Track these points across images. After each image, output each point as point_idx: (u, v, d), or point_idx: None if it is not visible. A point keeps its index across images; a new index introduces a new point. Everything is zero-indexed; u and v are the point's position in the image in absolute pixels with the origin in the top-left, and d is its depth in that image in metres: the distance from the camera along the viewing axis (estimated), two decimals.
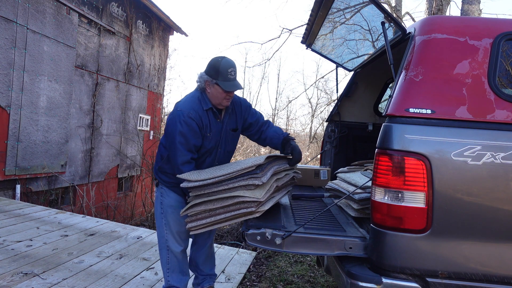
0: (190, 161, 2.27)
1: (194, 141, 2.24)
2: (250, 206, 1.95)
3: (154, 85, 10.44)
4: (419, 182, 1.67)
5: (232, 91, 2.25)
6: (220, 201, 2.02)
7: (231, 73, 2.20)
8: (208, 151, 2.40)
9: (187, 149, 2.23)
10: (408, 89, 1.79)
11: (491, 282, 1.67)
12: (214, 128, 2.36)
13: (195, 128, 2.23)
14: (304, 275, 3.85)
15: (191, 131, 2.22)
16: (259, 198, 1.92)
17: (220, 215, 2.01)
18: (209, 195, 2.04)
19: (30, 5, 6.01)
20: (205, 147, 2.35)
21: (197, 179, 2.03)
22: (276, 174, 2.26)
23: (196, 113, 2.26)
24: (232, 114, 2.46)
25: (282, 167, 2.34)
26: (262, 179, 1.98)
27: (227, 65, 2.21)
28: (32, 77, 6.14)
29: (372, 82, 3.59)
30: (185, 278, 2.57)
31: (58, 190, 7.17)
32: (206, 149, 2.37)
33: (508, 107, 1.73)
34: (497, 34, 1.83)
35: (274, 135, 2.52)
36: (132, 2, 8.99)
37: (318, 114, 21.45)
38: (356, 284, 1.69)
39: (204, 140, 2.33)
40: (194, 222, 2.08)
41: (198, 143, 2.28)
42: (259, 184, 1.96)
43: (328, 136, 3.64)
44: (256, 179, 1.97)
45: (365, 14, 2.54)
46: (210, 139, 2.35)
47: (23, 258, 3.22)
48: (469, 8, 6.51)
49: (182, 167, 2.22)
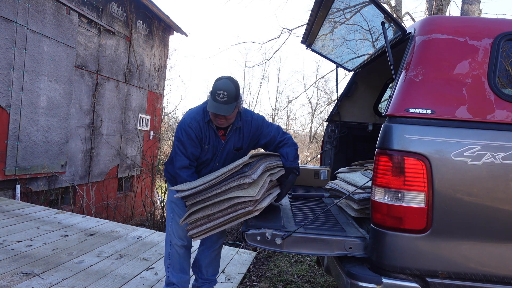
0: (188, 166, 2.32)
1: (191, 149, 2.31)
2: (247, 205, 1.95)
3: (154, 85, 10.44)
4: (419, 182, 1.67)
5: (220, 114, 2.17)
6: (216, 205, 2.03)
7: (219, 95, 2.13)
8: (204, 163, 2.42)
9: (185, 156, 2.31)
10: (408, 89, 1.79)
11: (491, 282, 1.67)
12: (213, 142, 2.36)
13: (193, 138, 2.30)
14: (304, 275, 3.85)
15: (189, 140, 2.30)
16: (253, 196, 1.92)
17: (219, 218, 2.02)
18: (205, 201, 2.06)
19: (30, 5, 6.01)
20: (201, 158, 2.39)
21: (188, 188, 2.07)
22: (269, 170, 2.24)
23: (197, 123, 2.31)
24: (239, 133, 2.40)
25: (275, 163, 2.33)
26: (252, 177, 1.98)
27: (218, 87, 2.16)
28: (32, 77, 6.14)
29: (372, 82, 3.59)
30: (184, 277, 2.57)
31: (58, 190, 7.17)
32: (202, 161, 2.40)
33: (508, 107, 1.73)
34: (497, 34, 1.83)
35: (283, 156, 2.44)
36: (132, 2, 8.99)
37: (318, 114, 21.47)
38: (356, 284, 1.69)
39: (201, 151, 2.36)
40: (194, 229, 2.10)
41: (196, 152, 2.34)
42: (250, 182, 1.96)
43: (328, 136, 3.64)
44: (247, 178, 1.97)
45: (365, 14, 2.54)
46: (206, 151, 2.37)
47: (23, 258, 3.22)
48: (469, 8, 6.51)
49: (180, 171, 2.31)
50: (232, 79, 2.22)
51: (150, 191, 8.99)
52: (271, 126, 2.49)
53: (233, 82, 2.20)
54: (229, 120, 2.28)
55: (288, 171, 2.38)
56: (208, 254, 2.66)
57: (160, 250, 3.83)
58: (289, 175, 2.37)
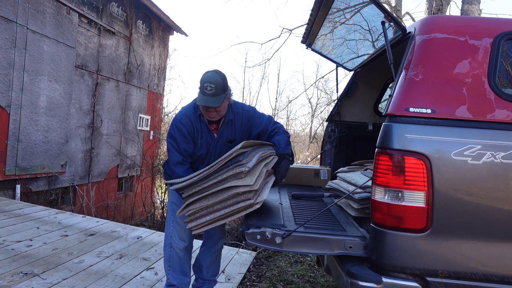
0: (182, 162, 2.34)
1: (183, 145, 2.34)
2: (247, 197, 1.92)
3: (154, 85, 10.44)
4: (419, 181, 1.67)
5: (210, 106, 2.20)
6: (214, 196, 2.01)
7: (207, 88, 2.16)
8: (199, 158, 2.43)
9: (177, 151, 2.34)
10: (408, 89, 1.79)
11: (491, 281, 1.67)
12: (205, 136, 2.37)
13: (184, 133, 2.33)
14: (304, 275, 3.85)
15: (181, 136, 2.33)
16: (251, 185, 1.90)
17: (219, 211, 1.99)
18: (201, 192, 2.04)
19: (30, 5, 6.01)
20: (195, 153, 2.40)
21: (183, 180, 2.07)
22: (263, 160, 2.23)
23: (187, 119, 2.34)
24: (231, 126, 2.43)
25: (268, 152, 2.33)
26: (247, 165, 1.95)
27: (205, 80, 2.19)
28: (32, 77, 6.14)
29: (372, 82, 3.59)
30: (185, 279, 2.56)
31: (58, 190, 7.17)
32: (197, 156, 2.41)
33: (508, 107, 1.73)
34: (497, 34, 1.83)
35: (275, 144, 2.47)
36: (132, 2, 8.99)
37: (318, 114, 21.46)
38: (356, 284, 1.69)
39: (194, 147, 2.37)
40: (193, 221, 2.08)
41: (189, 148, 2.35)
42: (246, 170, 1.94)
43: (328, 136, 3.64)
44: (242, 166, 1.95)
45: (365, 14, 2.54)
46: (200, 146, 2.38)
47: (23, 258, 3.22)
48: (469, 8, 6.52)
49: (174, 167, 2.33)
50: (218, 71, 2.26)
51: (150, 191, 8.99)
52: (263, 117, 2.52)
53: (220, 74, 2.24)
54: (220, 112, 2.30)
55: (281, 158, 2.40)
56: (210, 255, 2.66)
57: (160, 250, 3.83)
58: (282, 161, 2.39)
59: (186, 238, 2.50)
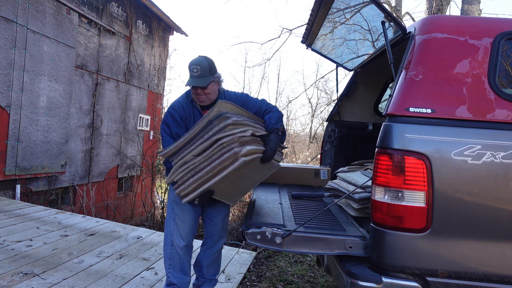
0: None
1: (175, 129, 2.39)
2: (231, 147, 1.85)
3: (154, 85, 10.44)
4: (419, 181, 1.67)
5: (199, 88, 2.30)
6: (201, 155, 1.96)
7: (193, 70, 2.27)
8: None
9: (169, 136, 2.40)
10: (408, 89, 1.79)
11: (491, 281, 1.67)
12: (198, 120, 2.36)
13: (176, 118, 2.40)
14: (304, 275, 3.85)
15: (173, 121, 2.40)
16: (235, 133, 1.87)
17: (205, 168, 1.93)
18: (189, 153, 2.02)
19: (30, 5, 6.01)
20: None
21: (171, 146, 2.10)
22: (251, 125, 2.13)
23: (180, 105, 2.43)
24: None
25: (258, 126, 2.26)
26: (232, 118, 1.92)
27: (191, 63, 2.30)
28: (32, 77, 6.14)
29: (372, 82, 3.59)
30: (185, 278, 2.57)
31: (58, 190, 7.17)
32: None
33: (508, 107, 1.73)
34: (497, 34, 1.83)
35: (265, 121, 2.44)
36: (132, 2, 8.99)
37: (318, 114, 21.45)
38: (356, 284, 1.69)
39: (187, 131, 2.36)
40: (181, 185, 2.03)
41: (181, 132, 2.38)
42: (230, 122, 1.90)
43: (328, 136, 3.64)
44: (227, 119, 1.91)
45: (365, 14, 2.54)
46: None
47: (23, 258, 3.22)
48: (469, 8, 6.52)
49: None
50: (205, 56, 2.36)
51: (150, 191, 8.99)
52: (256, 100, 2.53)
53: (206, 58, 2.35)
54: (209, 96, 2.36)
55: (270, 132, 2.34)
56: (210, 254, 2.67)
57: (160, 250, 3.83)
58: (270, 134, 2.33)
59: (185, 236, 2.51)
